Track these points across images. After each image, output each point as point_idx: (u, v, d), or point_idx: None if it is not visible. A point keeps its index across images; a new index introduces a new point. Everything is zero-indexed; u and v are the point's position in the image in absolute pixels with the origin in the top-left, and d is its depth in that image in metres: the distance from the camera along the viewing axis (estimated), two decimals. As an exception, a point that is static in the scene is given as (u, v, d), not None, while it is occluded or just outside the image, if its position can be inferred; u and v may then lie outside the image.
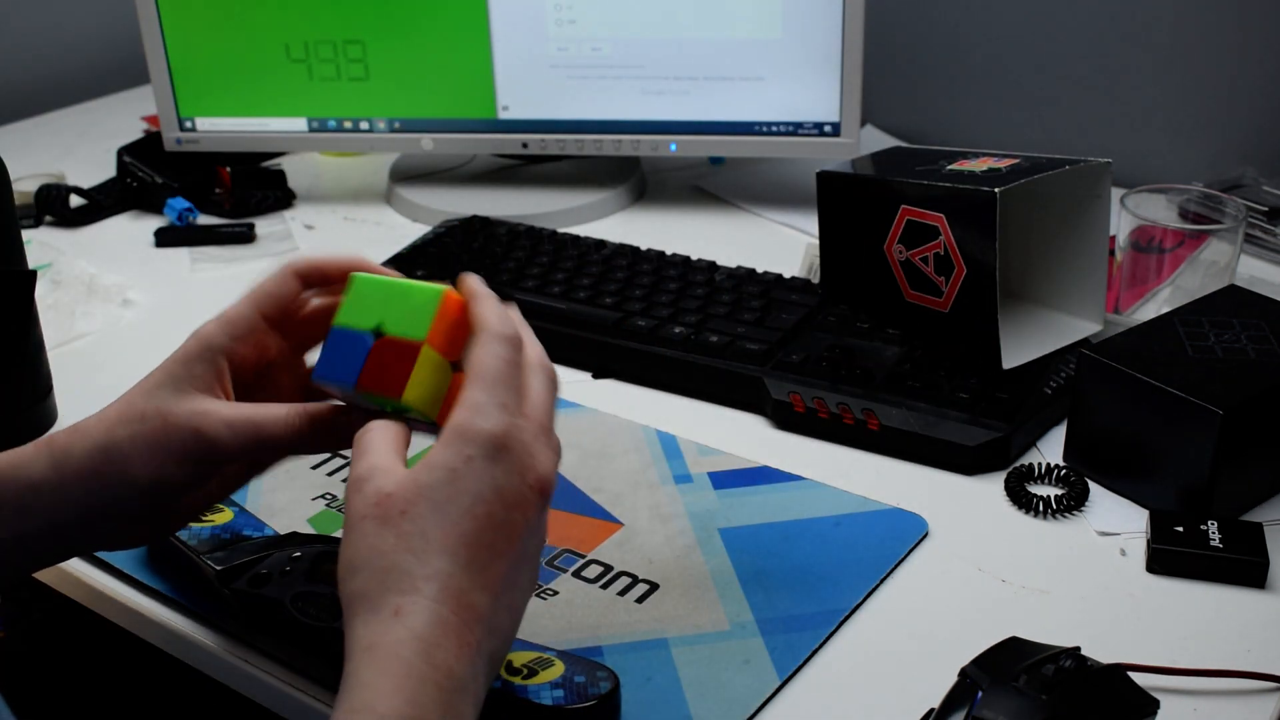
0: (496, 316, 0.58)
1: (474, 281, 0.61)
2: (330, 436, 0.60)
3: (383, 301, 0.59)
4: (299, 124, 1.21)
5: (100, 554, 0.74)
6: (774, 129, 1.15)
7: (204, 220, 1.20)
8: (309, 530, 0.75)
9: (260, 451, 0.61)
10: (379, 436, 0.55)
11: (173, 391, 0.60)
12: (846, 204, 0.93)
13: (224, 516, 0.73)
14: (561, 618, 0.68)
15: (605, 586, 0.70)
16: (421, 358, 0.57)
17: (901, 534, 0.74)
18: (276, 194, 1.23)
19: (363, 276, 0.61)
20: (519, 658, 0.62)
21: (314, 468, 0.82)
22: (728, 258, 1.04)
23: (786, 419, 0.86)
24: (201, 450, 0.59)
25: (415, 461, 0.54)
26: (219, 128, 1.21)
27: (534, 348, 0.60)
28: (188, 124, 1.21)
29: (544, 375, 0.59)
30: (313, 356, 0.65)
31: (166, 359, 0.63)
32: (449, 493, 0.52)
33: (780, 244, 1.14)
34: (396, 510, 0.52)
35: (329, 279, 0.65)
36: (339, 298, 0.61)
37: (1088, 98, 1.25)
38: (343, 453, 0.83)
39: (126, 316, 1.04)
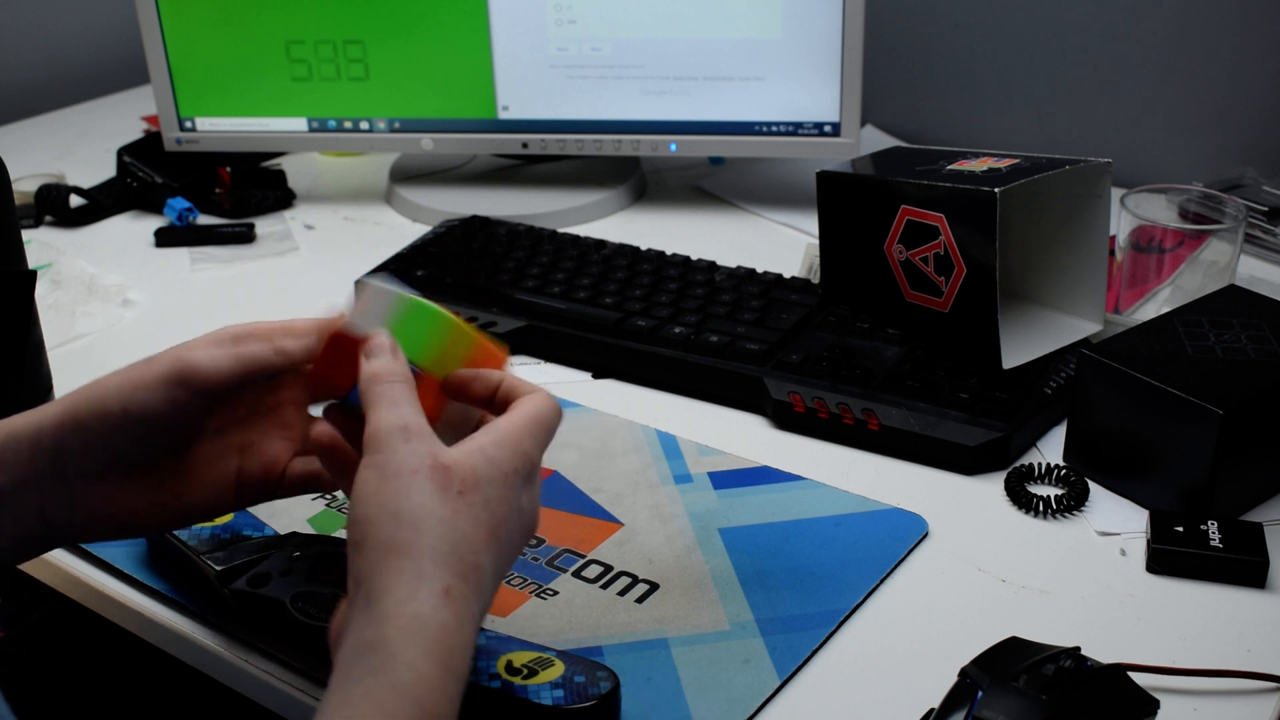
0: (556, 406, 0.59)
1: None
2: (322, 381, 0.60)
3: (416, 338, 0.60)
4: (299, 124, 1.21)
5: (100, 554, 0.74)
6: (774, 129, 1.15)
7: (204, 220, 1.20)
8: (309, 530, 0.75)
9: (246, 379, 0.59)
10: (398, 388, 0.54)
11: (159, 407, 0.58)
12: (846, 204, 0.93)
13: (224, 516, 0.73)
14: (561, 618, 0.68)
15: (605, 586, 0.70)
16: (449, 320, 0.59)
17: (901, 534, 0.74)
18: (276, 194, 1.23)
19: (368, 282, 0.61)
20: (519, 658, 0.62)
21: (314, 468, 0.81)
22: (728, 258, 1.04)
23: (786, 419, 0.86)
24: (179, 372, 0.57)
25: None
26: (219, 128, 1.21)
27: None
28: (188, 124, 1.21)
29: None
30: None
31: (150, 359, 0.60)
32: (500, 493, 0.53)
33: (780, 244, 1.14)
34: (455, 487, 0.52)
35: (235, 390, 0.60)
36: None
37: (1088, 98, 1.25)
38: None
39: (126, 316, 1.04)
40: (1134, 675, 0.61)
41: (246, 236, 1.17)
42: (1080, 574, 0.72)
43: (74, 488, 0.58)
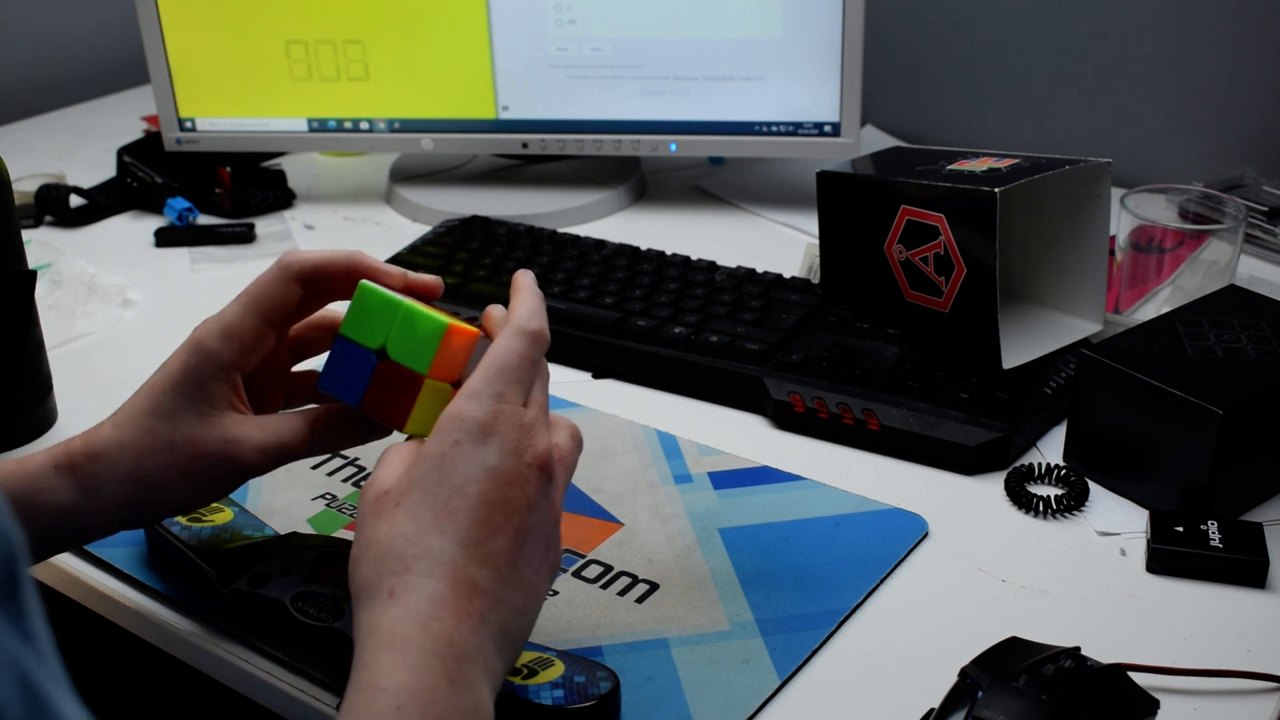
0: (528, 313, 0.59)
1: (523, 276, 0.63)
2: (345, 434, 0.64)
3: (388, 321, 0.60)
4: (299, 124, 1.21)
5: (100, 554, 0.74)
6: (774, 129, 1.15)
7: (204, 220, 1.20)
8: (309, 530, 0.75)
9: (284, 462, 0.64)
10: (394, 454, 0.57)
11: (197, 417, 0.61)
12: (846, 204, 0.93)
13: (224, 516, 0.73)
14: (561, 618, 0.68)
15: (605, 586, 0.70)
16: (425, 390, 0.59)
17: (901, 534, 0.74)
18: (276, 194, 1.23)
19: (370, 287, 0.61)
20: (519, 658, 0.62)
21: (314, 468, 0.81)
22: (728, 258, 1.04)
23: (786, 419, 0.86)
24: (235, 474, 0.62)
25: None
26: (219, 128, 1.21)
27: None
28: (188, 124, 1.21)
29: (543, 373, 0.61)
30: (311, 363, 0.66)
31: (176, 374, 0.62)
32: (438, 477, 0.54)
33: (780, 244, 1.14)
34: (391, 503, 0.54)
35: (330, 280, 0.65)
36: (332, 309, 0.61)
37: (1088, 98, 1.25)
38: (344, 453, 0.83)
39: (126, 316, 1.04)
40: (1134, 675, 0.61)
41: (246, 236, 1.17)
42: (1080, 574, 0.72)
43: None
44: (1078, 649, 0.60)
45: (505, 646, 0.54)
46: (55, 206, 1.20)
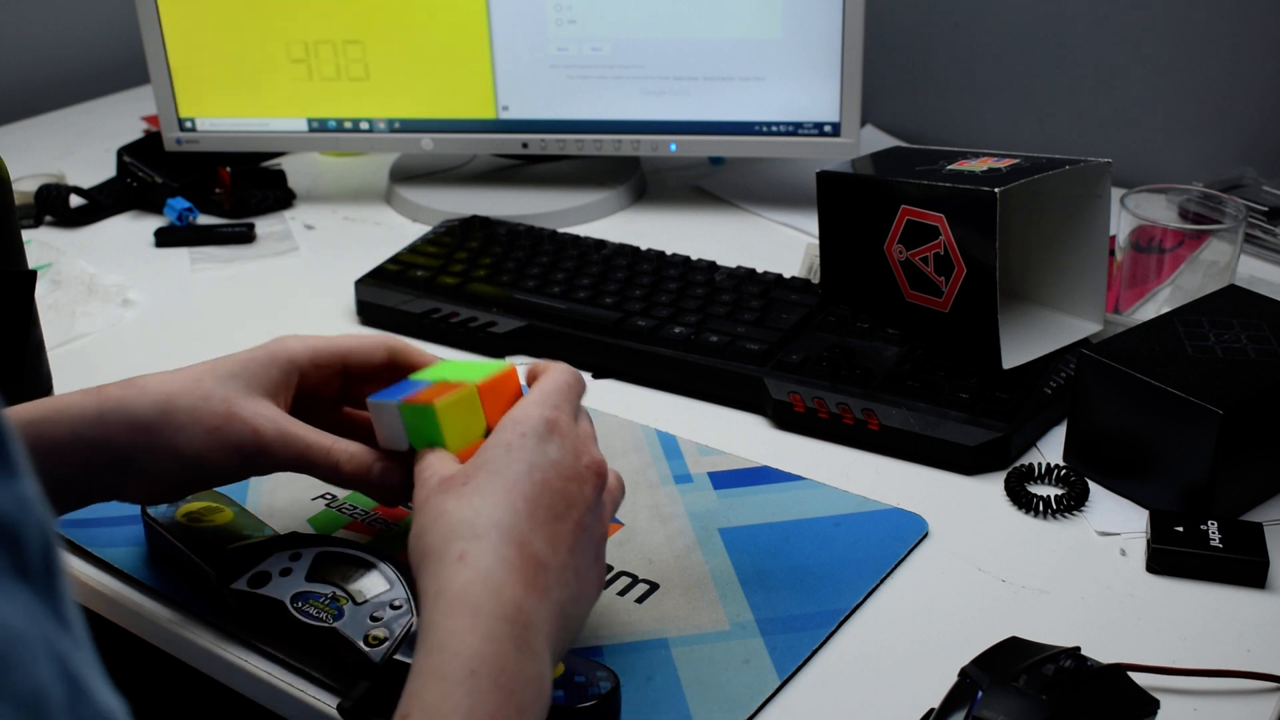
0: (573, 371, 0.65)
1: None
2: (359, 480, 0.65)
3: (453, 369, 0.68)
4: (299, 124, 1.21)
5: (100, 554, 0.74)
6: (774, 129, 1.15)
7: (204, 220, 1.20)
8: (309, 530, 0.75)
9: (294, 468, 0.65)
10: (435, 454, 0.61)
11: (244, 386, 0.65)
12: (846, 204, 0.93)
13: (224, 516, 0.73)
14: (561, 618, 0.68)
15: (605, 586, 0.70)
16: (465, 391, 0.64)
17: (901, 534, 0.74)
18: (276, 194, 1.23)
19: (447, 362, 0.69)
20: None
21: (314, 468, 0.81)
22: (728, 258, 1.04)
23: (786, 419, 0.86)
24: (250, 449, 0.64)
25: None
26: (219, 128, 1.21)
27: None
28: (188, 124, 1.21)
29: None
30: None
31: (245, 353, 0.67)
32: (506, 461, 0.57)
33: (780, 244, 1.14)
34: (458, 483, 0.57)
35: (411, 367, 0.70)
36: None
37: (1088, 98, 1.25)
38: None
39: (126, 316, 1.04)
40: (1134, 675, 0.61)
41: (246, 236, 1.17)
42: (1080, 574, 0.72)
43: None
44: (1078, 649, 0.60)
45: (563, 630, 0.56)
46: (55, 206, 1.20)
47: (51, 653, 0.29)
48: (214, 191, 1.23)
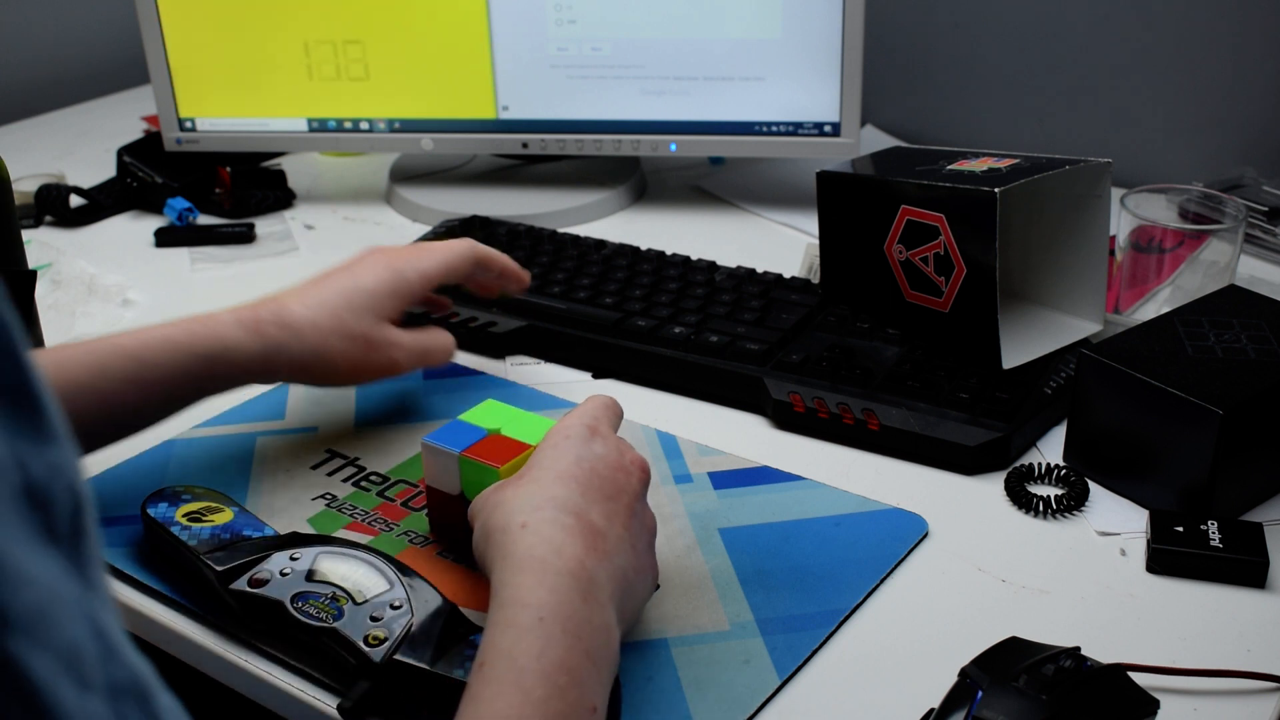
0: (609, 397, 0.69)
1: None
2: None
3: (506, 418, 0.73)
4: (299, 124, 1.21)
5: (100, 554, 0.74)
6: (774, 129, 1.15)
7: (204, 220, 1.20)
8: (309, 530, 0.75)
9: (425, 365, 0.82)
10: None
11: (375, 319, 0.78)
12: (846, 204, 0.93)
13: (224, 516, 0.73)
14: (561, 618, 0.68)
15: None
16: (526, 455, 0.69)
17: (901, 534, 0.74)
18: (276, 194, 1.23)
19: (496, 402, 0.75)
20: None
21: (314, 468, 0.82)
22: (728, 258, 1.04)
23: (786, 419, 0.86)
24: (387, 370, 0.79)
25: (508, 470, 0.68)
26: (219, 128, 1.21)
27: None
28: (188, 124, 1.21)
29: None
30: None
31: (370, 281, 0.78)
32: (554, 455, 0.62)
33: (780, 244, 1.14)
34: (513, 483, 0.62)
35: (491, 269, 0.85)
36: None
37: (1088, 98, 1.25)
38: (344, 453, 0.83)
39: (126, 316, 1.04)
40: (1134, 675, 0.61)
41: (246, 236, 1.17)
42: (1080, 574, 0.72)
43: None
44: (1078, 649, 0.60)
45: (627, 596, 0.59)
46: (55, 206, 1.20)
47: (84, 611, 0.31)
48: (214, 191, 1.23)
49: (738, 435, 0.85)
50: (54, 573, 0.30)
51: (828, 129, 1.14)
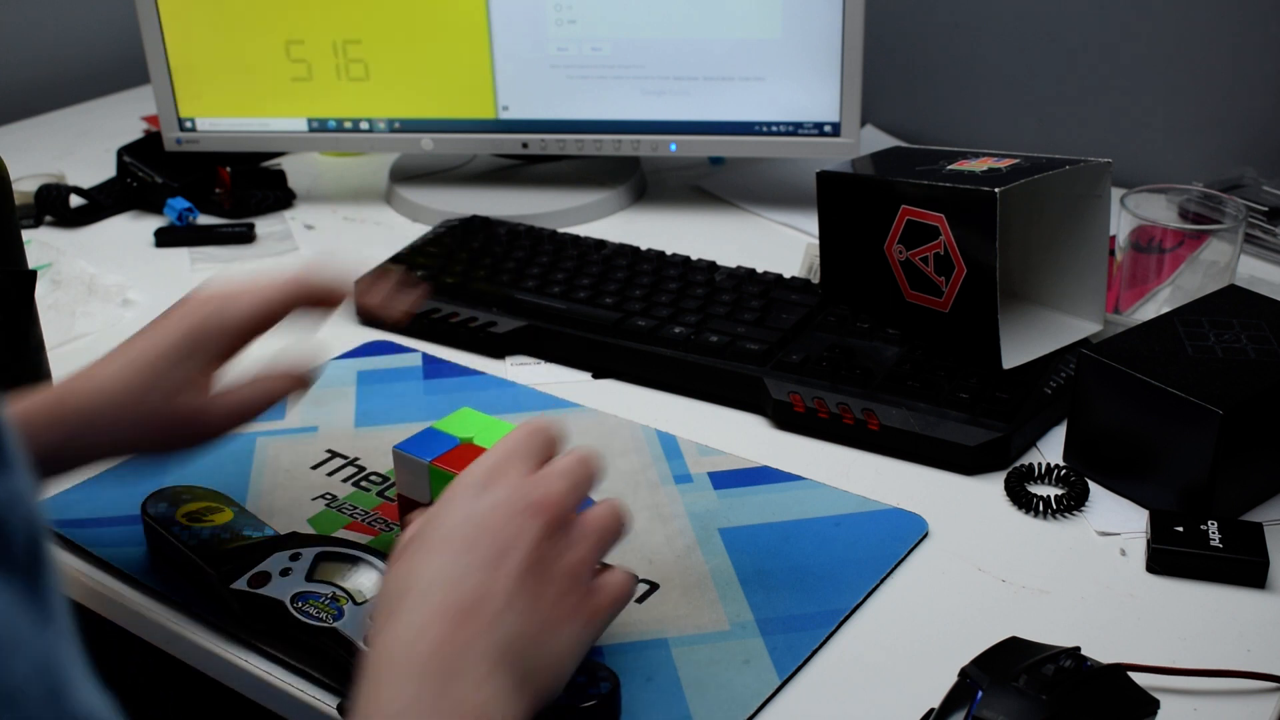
0: (536, 426, 0.63)
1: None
2: (285, 384, 0.73)
3: (479, 427, 0.72)
4: (299, 124, 1.21)
5: (100, 554, 0.74)
6: (774, 129, 1.15)
7: (204, 220, 1.20)
8: (309, 530, 0.75)
9: (244, 424, 0.72)
10: (416, 514, 0.61)
11: (172, 389, 0.68)
12: (846, 204, 0.93)
13: (224, 516, 0.73)
14: (561, 618, 0.68)
15: (605, 586, 0.70)
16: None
17: (901, 534, 0.74)
18: (276, 194, 1.23)
19: (470, 410, 0.73)
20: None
21: (314, 468, 0.82)
22: (728, 258, 1.04)
23: (786, 419, 0.86)
24: (197, 442, 0.71)
25: None
26: (219, 128, 1.21)
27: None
28: (188, 124, 1.21)
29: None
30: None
31: (164, 347, 0.69)
32: (436, 522, 0.57)
33: (780, 244, 1.14)
34: (402, 549, 0.58)
35: (328, 299, 0.73)
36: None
37: (1088, 98, 1.25)
38: (344, 453, 0.83)
39: (126, 316, 1.04)
40: (1134, 675, 0.61)
41: (246, 236, 1.17)
42: (1080, 574, 0.72)
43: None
44: (1078, 649, 0.60)
45: (530, 656, 0.54)
46: (55, 206, 1.20)
47: (32, 649, 0.30)
48: (214, 191, 1.23)
49: (738, 435, 0.85)
50: (5, 605, 0.29)
51: (828, 129, 1.14)
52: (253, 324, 0.70)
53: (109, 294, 1.05)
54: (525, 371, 0.94)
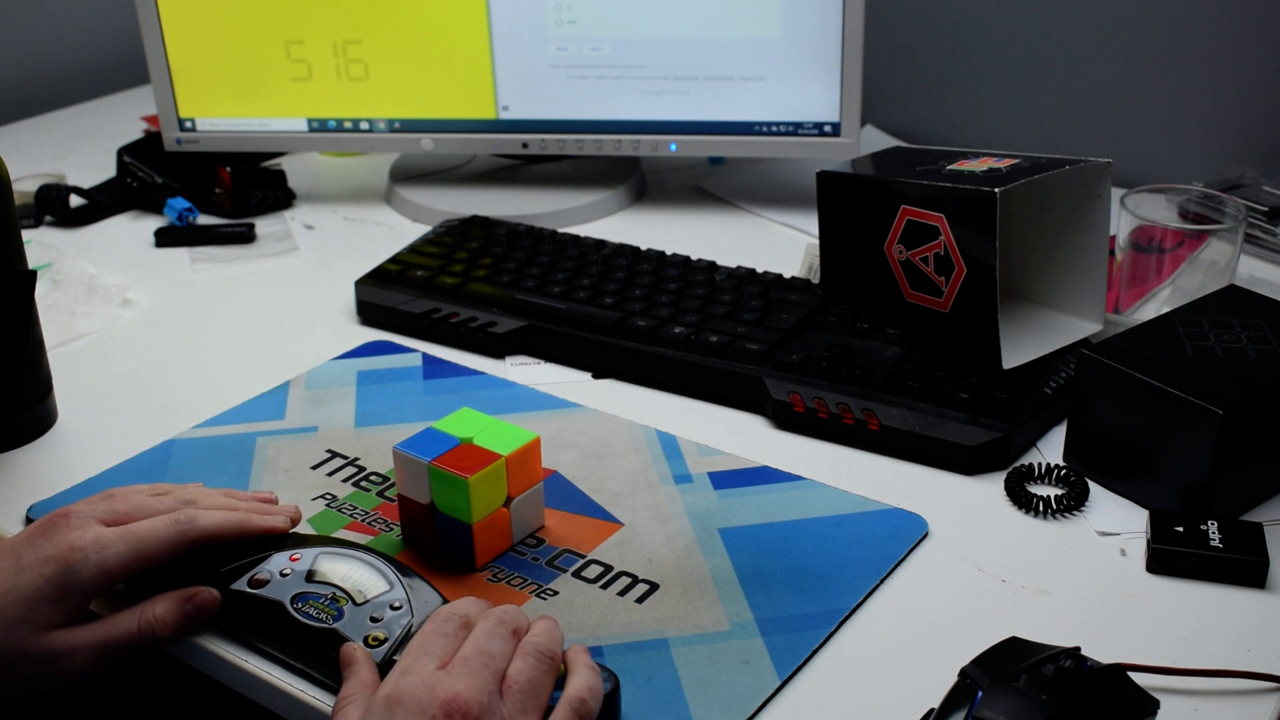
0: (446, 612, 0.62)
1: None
2: (181, 630, 0.67)
3: (479, 427, 0.73)
4: (299, 124, 1.21)
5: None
6: (774, 129, 1.15)
7: (204, 220, 1.20)
8: (309, 530, 0.75)
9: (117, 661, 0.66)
10: (357, 671, 0.61)
11: (32, 630, 0.64)
12: (846, 204, 0.93)
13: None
14: (561, 618, 0.68)
15: (605, 586, 0.70)
16: (497, 465, 0.70)
17: (901, 534, 0.74)
18: (276, 194, 1.23)
19: (470, 410, 0.75)
20: None
21: (314, 468, 0.82)
22: (728, 258, 1.04)
23: (786, 419, 0.86)
24: (56, 686, 0.65)
25: None
26: (219, 128, 1.21)
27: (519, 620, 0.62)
28: (188, 124, 1.21)
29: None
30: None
31: (25, 587, 0.64)
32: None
33: (780, 244, 1.14)
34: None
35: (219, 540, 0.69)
36: None
37: (1088, 98, 1.25)
38: (344, 453, 0.83)
39: (126, 316, 1.04)
40: (1134, 675, 0.61)
41: (246, 236, 1.17)
42: (1080, 574, 0.72)
43: None
44: (1078, 649, 0.60)
45: None
46: (55, 206, 1.20)
47: None
48: (214, 191, 1.23)
49: (738, 435, 0.85)
50: None
51: (828, 129, 1.14)
52: (129, 570, 0.65)
53: (109, 294, 1.05)
54: (525, 371, 0.94)
